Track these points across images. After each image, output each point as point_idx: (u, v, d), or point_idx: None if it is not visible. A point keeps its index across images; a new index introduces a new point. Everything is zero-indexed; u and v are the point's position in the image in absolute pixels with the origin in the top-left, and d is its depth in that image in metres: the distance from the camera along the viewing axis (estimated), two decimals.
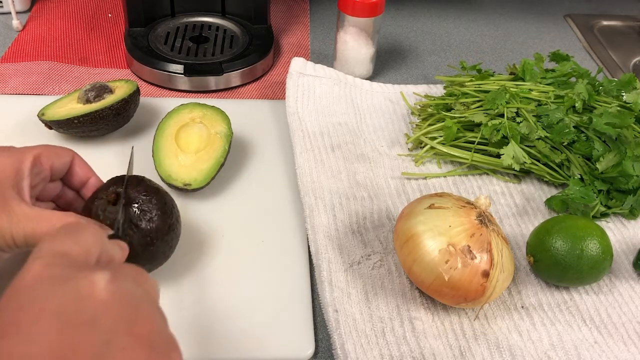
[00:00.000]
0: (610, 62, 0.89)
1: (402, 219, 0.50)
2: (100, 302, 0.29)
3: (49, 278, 0.30)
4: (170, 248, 0.49)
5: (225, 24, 0.81)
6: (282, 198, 0.60)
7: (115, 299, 0.30)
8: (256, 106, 0.72)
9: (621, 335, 0.50)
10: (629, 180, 0.59)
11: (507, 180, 0.64)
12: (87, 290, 0.29)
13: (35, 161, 0.44)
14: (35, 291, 0.29)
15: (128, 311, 0.30)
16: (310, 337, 0.48)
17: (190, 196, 0.58)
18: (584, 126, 0.62)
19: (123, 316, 0.29)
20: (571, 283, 0.52)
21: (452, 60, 0.86)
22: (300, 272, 0.53)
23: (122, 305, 0.30)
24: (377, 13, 0.73)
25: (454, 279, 0.46)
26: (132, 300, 0.31)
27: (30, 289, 0.29)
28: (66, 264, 0.31)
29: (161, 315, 0.32)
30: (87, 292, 0.29)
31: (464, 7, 1.01)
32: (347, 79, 0.74)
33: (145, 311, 0.31)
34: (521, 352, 0.48)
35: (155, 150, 0.59)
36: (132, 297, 0.31)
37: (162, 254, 0.48)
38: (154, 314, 0.32)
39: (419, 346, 0.47)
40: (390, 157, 0.65)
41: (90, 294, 0.29)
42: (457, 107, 0.66)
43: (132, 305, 0.30)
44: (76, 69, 0.77)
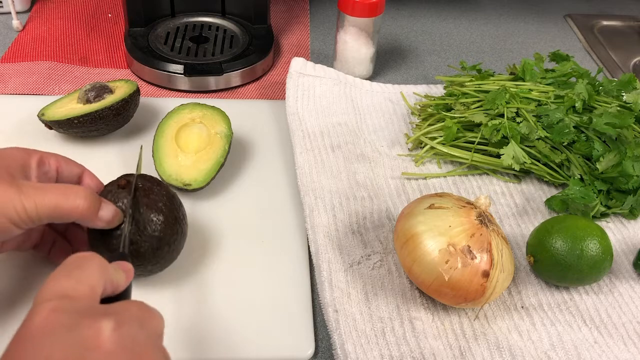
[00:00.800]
0: (610, 62, 0.89)
1: (402, 219, 0.50)
2: (104, 352, 0.30)
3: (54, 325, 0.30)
4: (177, 249, 0.49)
5: (225, 24, 0.81)
6: (282, 198, 0.60)
7: (119, 349, 0.30)
8: (256, 106, 0.72)
9: (621, 335, 0.50)
10: (629, 180, 0.59)
11: (507, 180, 0.64)
12: (92, 340, 0.30)
13: (43, 158, 0.45)
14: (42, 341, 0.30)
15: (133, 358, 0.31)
16: (310, 337, 0.48)
17: (190, 196, 0.58)
18: (584, 126, 0.62)
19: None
20: (571, 283, 0.52)
21: (452, 60, 0.86)
22: (300, 272, 0.53)
23: (128, 352, 0.31)
24: (377, 13, 0.73)
25: (454, 279, 0.46)
26: (136, 348, 0.31)
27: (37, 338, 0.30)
28: (71, 310, 0.32)
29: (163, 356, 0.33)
30: (92, 343, 0.30)
31: (464, 7, 1.01)
32: (347, 79, 0.74)
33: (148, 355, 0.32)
34: (521, 352, 0.48)
35: (155, 150, 0.59)
36: (136, 344, 0.31)
37: (170, 257, 0.49)
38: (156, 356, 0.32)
39: (419, 346, 0.47)
40: (390, 157, 0.65)
41: (95, 345, 0.30)
42: (457, 107, 0.66)
43: (135, 351, 0.31)
44: (76, 69, 0.77)
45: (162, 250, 0.47)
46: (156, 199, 0.47)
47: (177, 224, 0.48)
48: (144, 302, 0.35)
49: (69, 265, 0.35)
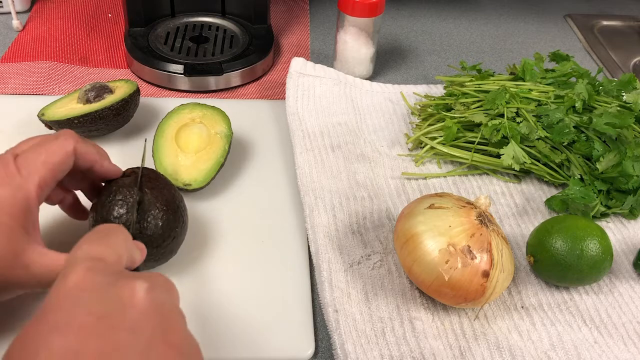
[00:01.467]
0: (610, 62, 0.89)
1: (402, 219, 0.50)
2: (140, 311, 0.32)
3: (93, 283, 0.32)
4: (178, 244, 0.50)
5: (225, 24, 0.81)
6: (282, 198, 0.60)
7: (152, 308, 0.32)
8: (256, 106, 0.72)
9: (621, 335, 0.50)
10: (629, 180, 0.59)
11: (507, 180, 0.64)
12: (129, 298, 0.32)
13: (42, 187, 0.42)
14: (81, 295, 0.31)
15: (163, 320, 0.32)
16: (310, 337, 0.48)
17: (190, 196, 0.58)
18: (584, 126, 0.62)
19: (159, 325, 0.32)
20: (571, 283, 0.52)
21: (452, 60, 0.86)
22: (300, 272, 0.53)
23: (158, 315, 0.32)
24: (377, 13, 0.73)
25: (454, 279, 0.46)
26: (166, 310, 0.33)
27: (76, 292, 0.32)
28: (105, 270, 0.34)
29: (184, 320, 0.35)
30: (129, 300, 0.32)
31: (464, 7, 1.01)
32: (347, 79, 0.74)
33: (175, 320, 0.34)
34: (521, 352, 0.48)
35: (155, 150, 0.59)
36: (165, 307, 0.33)
37: (170, 251, 0.49)
38: (182, 322, 0.34)
39: (419, 346, 0.47)
40: (390, 157, 0.65)
41: (131, 302, 0.32)
42: (457, 107, 0.66)
43: (166, 314, 0.33)
44: (76, 69, 0.77)
45: (167, 239, 0.48)
46: (161, 189, 0.49)
47: (179, 213, 0.49)
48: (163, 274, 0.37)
49: (99, 233, 0.37)
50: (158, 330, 0.31)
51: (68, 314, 0.30)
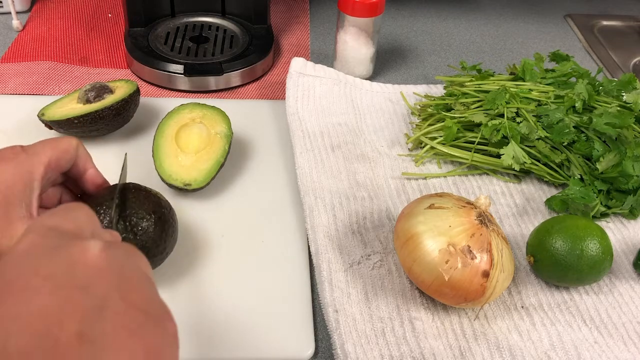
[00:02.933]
0: (610, 62, 0.89)
1: (402, 219, 0.50)
2: (93, 268, 0.29)
3: (42, 247, 0.30)
4: (167, 254, 0.49)
5: (225, 24, 0.81)
6: (282, 198, 0.60)
7: (108, 266, 0.29)
8: (256, 106, 0.72)
9: (621, 335, 0.50)
10: (629, 180, 0.59)
11: (507, 180, 0.64)
12: (80, 256, 0.29)
13: (47, 169, 0.43)
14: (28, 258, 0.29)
15: (121, 279, 0.29)
16: (310, 337, 0.48)
17: (190, 196, 0.58)
18: (584, 126, 0.62)
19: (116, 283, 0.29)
20: (571, 283, 0.52)
21: (452, 60, 0.86)
22: (300, 272, 0.53)
23: (115, 273, 0.29)
24: (377, 13, 0.73)
25: (454, 279, 0.46)
26: (125, 270, 0.30)
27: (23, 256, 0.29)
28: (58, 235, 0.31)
29: (153, 286, 0.32)
30: (80, 258, 0.29)
31: (464, 7, 1.01)
32: (347, 79, 0.74)
33: (137, 280, 0.31)
34: (521, 352, 0.48)
35: (155, 150, 0.59)
36: (124, 267, 0.30)
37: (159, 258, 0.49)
38: (146, 283, 0.31)
39: (419, 346, 0.47)
40: (390, 157, 0.65)
41: (83, 260, 0.29)
42: (457, 107, 0.66)
43: (124, 273, 0.30)
44: (76, 69, 0.77)
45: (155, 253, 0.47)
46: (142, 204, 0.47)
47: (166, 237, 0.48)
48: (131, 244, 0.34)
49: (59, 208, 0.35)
50: (115, 288, 0.29)
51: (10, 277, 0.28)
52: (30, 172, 0.41)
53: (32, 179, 0.41)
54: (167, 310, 0.31)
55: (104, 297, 0.28)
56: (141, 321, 0.28)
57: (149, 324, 0.28)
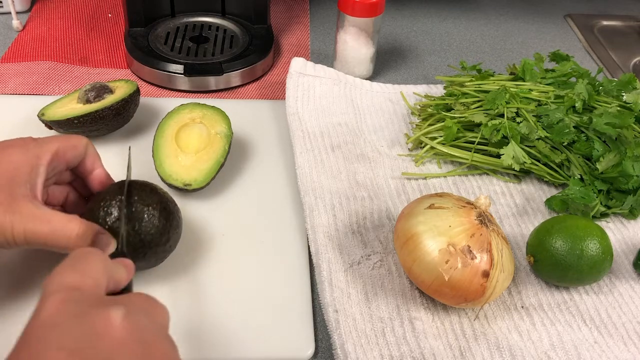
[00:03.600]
0: (610, 62, 0.89)
1: (402, 219, 0.50)
2: (116, 340, 0.30)
3: (65, 315, 0.31)
4: (171, 248, 0.50)
5: (225, 24, 0.81)
6: (282, 198, 0.60)
7: (129, 336, 0.31)
8: (256, 106, 0.72)
9: (621, 335, 0.50)
10: (629, 180, 0.59)
11: (507, 180, 0.64)
12: (103, 327, 0.30)
13: (54, 157, 0.45)
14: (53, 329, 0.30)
15: (142, 347, 0.31)
16: (310, 337, 0.48)
17: (190, 196, 0.58)
18: (584, 126, 0.62)
19: (137, 353, 0.30)
20: (571, 283, 0.52)
21: (452, 60, 0.86)
22: (300, 272, 0.53)
23: (136, 342, 0.31)
24: (377, 13, 0.73)
25: (454, 279, 0.46)
26: (146, 336, 0.31)
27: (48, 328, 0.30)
28: (80, 300, 0.32)
29: (172, 346, 0.33)
30: (103, 330, 0.30)
31: (464, 7, 1.01)
32: (347, 79, 0.74)
33: (157, 345, 0.32)
34: (521, 352, 0.48)
35: (155, 150, 0.59)
36: (145, 332, 0.32)
37: (163, 254, 0.49)
38: (165, 346, 0.32)
39: (419, 346, 0.47)
40: (390, 157, 0.65)
41: (106, 332, 0.30)
42: (457, 107, 0.66)
43: (145, 340, 0.31)
44: (76, 69, 0.77)
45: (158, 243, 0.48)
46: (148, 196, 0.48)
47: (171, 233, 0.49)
48: (147, 294, 0.35)
49: (73, 259, 0.35)
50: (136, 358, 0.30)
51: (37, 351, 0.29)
52: (38, 157, 0.43)
53: (39, 163, 0.43)
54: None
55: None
56: None
57: None
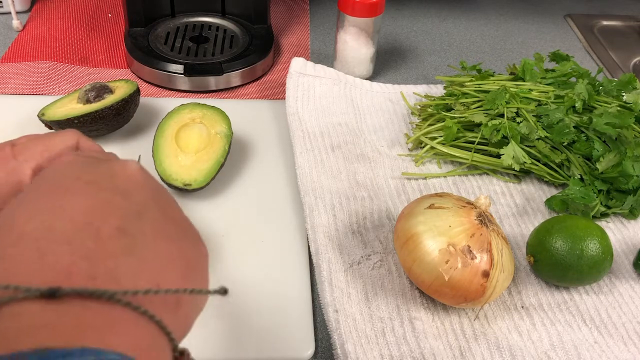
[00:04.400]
0: (610, 62, 0.89)
1: (402, 219, 0.50)
2: (132, 180, 0.30)
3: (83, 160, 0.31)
4: None
5: (225, 24, 0.81)
6: (282, 198, 0.60)
7: (145, 181, 0.30)
8: (256, 106, 0.72)
9: (621, 335, 0.50)
10: (629, 180, 0.59)
11: (507, 180, 0.64)
12: (120, 170, 0.30)
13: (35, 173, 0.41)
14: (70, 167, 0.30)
15: (158, 194, 0.30)
16: (310, 337, 0.48)
17: (190, 196, 0.58)
18: (584, 126, 0.62)
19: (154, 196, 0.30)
20: (571, 283, 0.52)
21: (452, 60, 0.86)
22: (300, 272, 0.53)
23: (152, 189, 0.30)
24: (377, 13, 0.73)
25: (454, 279, 0.46)
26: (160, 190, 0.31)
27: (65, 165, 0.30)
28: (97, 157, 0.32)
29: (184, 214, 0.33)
30: (120, 171, 0.30)
31: (464, 7, 1.01)
32: (347, 79, 0.74)
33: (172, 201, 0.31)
34: (521, 352, 0.48)
35: (155, 150, 0.59)
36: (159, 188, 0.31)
37: None
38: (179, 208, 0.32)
39: (419, 346, 0.47)
40: (390, 157, 0.65)
41: (122, 173, 0.30)
42: (457, 107, 0.66)
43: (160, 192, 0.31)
44: (76, 69, 0.77)
45: None
46: None
47: None
48: None
49: None
50: (153, 200, 0.29)
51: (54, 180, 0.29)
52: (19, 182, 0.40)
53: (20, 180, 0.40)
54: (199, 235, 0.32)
55: (143, 204, 0.29)
56: (179, 234, 0.29)
57: (186, 239, 0.30)
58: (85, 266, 0.24)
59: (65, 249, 0.25)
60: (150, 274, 0.26)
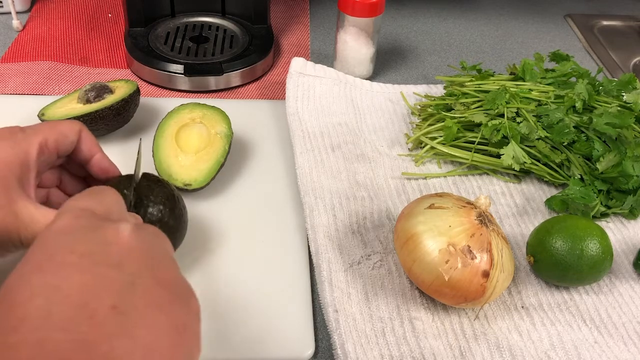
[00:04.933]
0: (610, 62, 0.89)
1: (402, 219, 0.50)
2: (125, 248, 0.31)
3: (77, 226, 0.32)
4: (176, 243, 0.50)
5: (225, 24, 0.81)
6: (282, 198, 0.60)
7: (138, 246, 0.32)
8: (256, 106, 0.72)
9: (621, 335, 0.50)
10: (629, 180, 0.59)
11: (507, 180, 0.64)
12: (113, 236, 0.32)
13: (42, 148, 0.43)
14: (65, 236, 0.31)
15: (150, 258, 0.32)
16: (310, 337, 0.48)
17: (190, 196, 0.58)
18: (584, 126, 0.62)
19: (146, 261, 0.31)
20: (571, 283, 0.52)
21: (452, 60, 0.86)
22: (300, 272, 0.53)
23: (145, 252, 0.32)
24: (377, 13, 0.73)
25: (454, 279, 0.46)
26: (153, 250, 0.33)
27: (60, 234, 0.32)
28: (92, 216, 0.34)
29: (177, 266, 0.34)
30: (113, 239, 0.32)
31: (464, 7, 1.01)
32: (347, 79, 0.74)
33: (164, 260, 0.33)
34: (521, 352, 0.48)
35: (155, 150, 0.59)
36: (152, 247, 0.33)
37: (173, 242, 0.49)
38: (171, 263, 0.34)
39: (419, 346, 0.47)
40: (390, 157, 0.65)
41: (115, 240, 0.31)
42: (457, 107, 0.66)
43: (153, 254, 0.32)
44: (76, 69, 0.77)
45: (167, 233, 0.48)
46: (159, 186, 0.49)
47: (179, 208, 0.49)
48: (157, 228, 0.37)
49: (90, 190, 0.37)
50: (145, 267, 0.31)
51: (50, 253, 0.30)
52: (27, 152, 0.42)
53: (28, 159, 0.42)
54: (191, 289, 0.33)
55: (135, 275, 0.30)
56: (169, 298, 0.31)
57: (176, 302, 0.31)
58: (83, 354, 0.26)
59: (63, 336, 0.26)
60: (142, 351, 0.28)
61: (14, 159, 0.41)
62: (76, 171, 0.50)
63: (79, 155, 0.47)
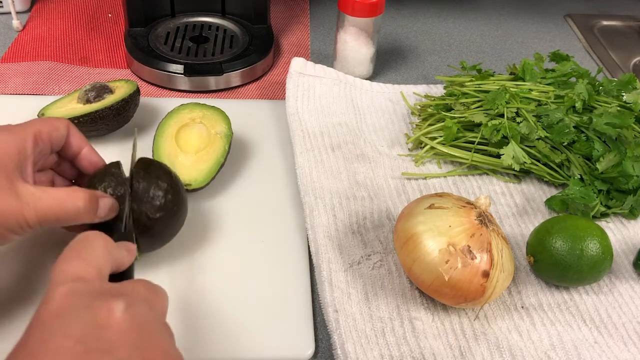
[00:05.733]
0: (610, 62, 0.89)
1: (402, 219, 0.50)
2: (116, 332, 0.32)
3: (71, 307, 0.33)
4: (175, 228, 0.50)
5: (225, 24, 0.81)
6: (282, 198, 0.60)
7: (130, 327, 0.33)
8: (256, 106, 0.72)
9: (621, 335, 0.50)
10: (629, 180, 0.59)
11: (507, 180, 0.64)
12: (105, 318, 0.32)
13: (37, 138, 0.45)
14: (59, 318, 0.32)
15: (142, 338, 0.33)
16: (310, 337, 0.48)
17: (190, 196, 0.58)
18: (584, 126, 0.62)
19: (138, 344, 0.32)
20: (571, 283, 0.52)
21: (452, 60, 0.86)
22: (300, 272, 0.53)
23: (136, 333, 0.33)
24: (377, 13, 0.73)
25: (454, 279, 0.46)
26: (146, 327, 0.34)
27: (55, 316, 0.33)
28: (84, 292, 0.34)
29: (170, 335, 0.35)
30: (105, 321, 0.32)
31: (464, 7, 1.01)
32: (347, 79, 0.74)
33: (156, 335, 0.34)
34: (521, 352, 0.48)
35: (155, 150, 0.59)
36: (145, 324, 0.34)
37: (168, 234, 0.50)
38: (164, 336, 0.35)
39: (419, 346, 0.47)
40: (390, 157, 0.65)
41: (108, 323, 0.32)
42: (457, 107, 0.66)
43: (145, 332, 0.33)
44: (76, 69, 0.77)
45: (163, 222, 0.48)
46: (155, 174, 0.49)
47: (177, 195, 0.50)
48: (148, 281, 0.38)
49: (77, 245, 0.38)
50: (136, 349, 0.32)
51: (44, 339, 0.31)
52: (23, 141, 0.44)
53: (25, 146, 0.44)
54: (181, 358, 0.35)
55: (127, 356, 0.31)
56: None
57: None
58: None
59: None
60: None
61: (12, 148, 0.43)
62: (67, 173, 0.52)
63: (69, 149, 0.49)
